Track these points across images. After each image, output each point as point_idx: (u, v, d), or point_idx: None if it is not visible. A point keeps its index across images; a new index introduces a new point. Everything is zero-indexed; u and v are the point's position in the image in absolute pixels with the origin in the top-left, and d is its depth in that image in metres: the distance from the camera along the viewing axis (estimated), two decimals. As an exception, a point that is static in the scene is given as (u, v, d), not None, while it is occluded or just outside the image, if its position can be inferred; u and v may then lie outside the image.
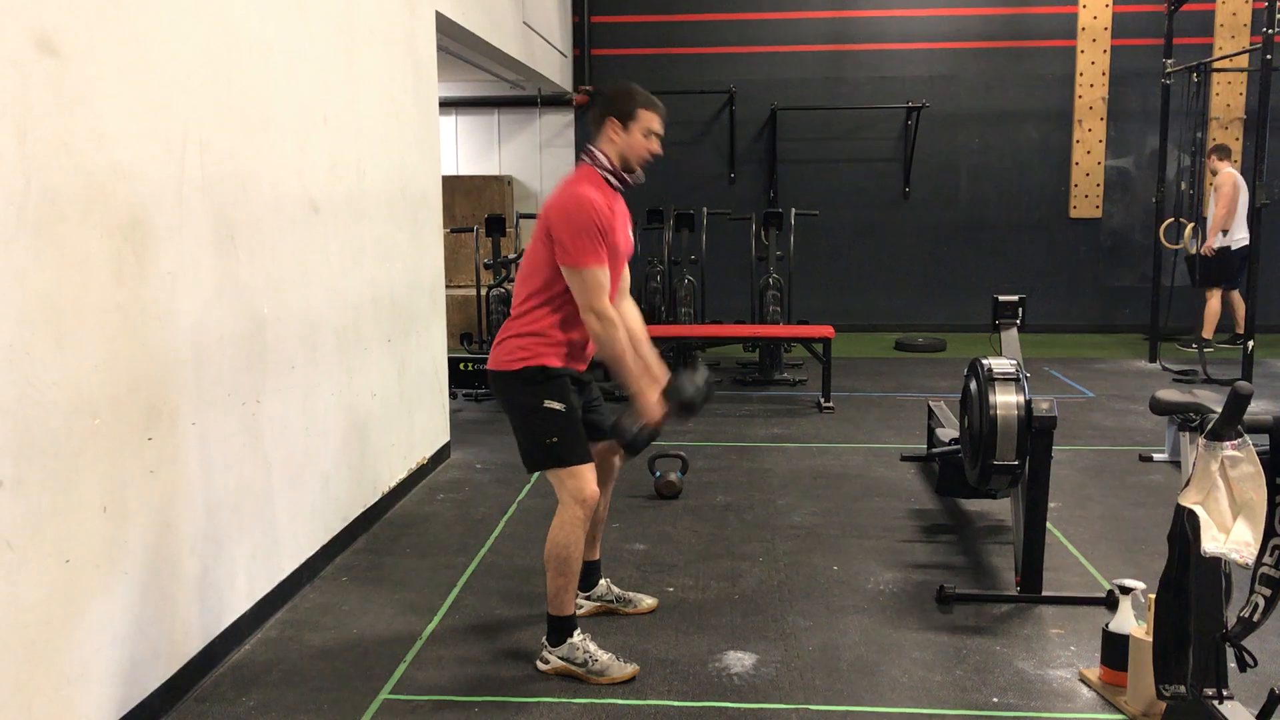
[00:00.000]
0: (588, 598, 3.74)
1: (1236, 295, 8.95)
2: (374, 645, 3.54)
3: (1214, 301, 8.88)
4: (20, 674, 2.47)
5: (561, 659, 3.30)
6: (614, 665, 3.28)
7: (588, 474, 3.28)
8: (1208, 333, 8.77)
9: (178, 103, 3.12)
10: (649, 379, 3.33)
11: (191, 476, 3.21)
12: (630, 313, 3.47)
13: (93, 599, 2.73)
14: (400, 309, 5.17)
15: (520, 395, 3.27)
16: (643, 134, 3.30)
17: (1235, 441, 2.45)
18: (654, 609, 3.79)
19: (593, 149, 3.33)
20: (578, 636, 3.31)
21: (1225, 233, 8.65)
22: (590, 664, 3.27)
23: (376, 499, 4.80)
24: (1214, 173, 8.84)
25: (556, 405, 3.24)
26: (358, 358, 4.59)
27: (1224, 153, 8.94)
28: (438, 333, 5.86)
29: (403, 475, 5.17)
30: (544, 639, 3.36)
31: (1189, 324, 9.30)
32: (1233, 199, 8.64)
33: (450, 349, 6.48)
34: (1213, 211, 8.75)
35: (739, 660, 3.41)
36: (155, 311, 2.99)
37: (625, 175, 3.33)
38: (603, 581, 3.79)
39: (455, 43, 7.00)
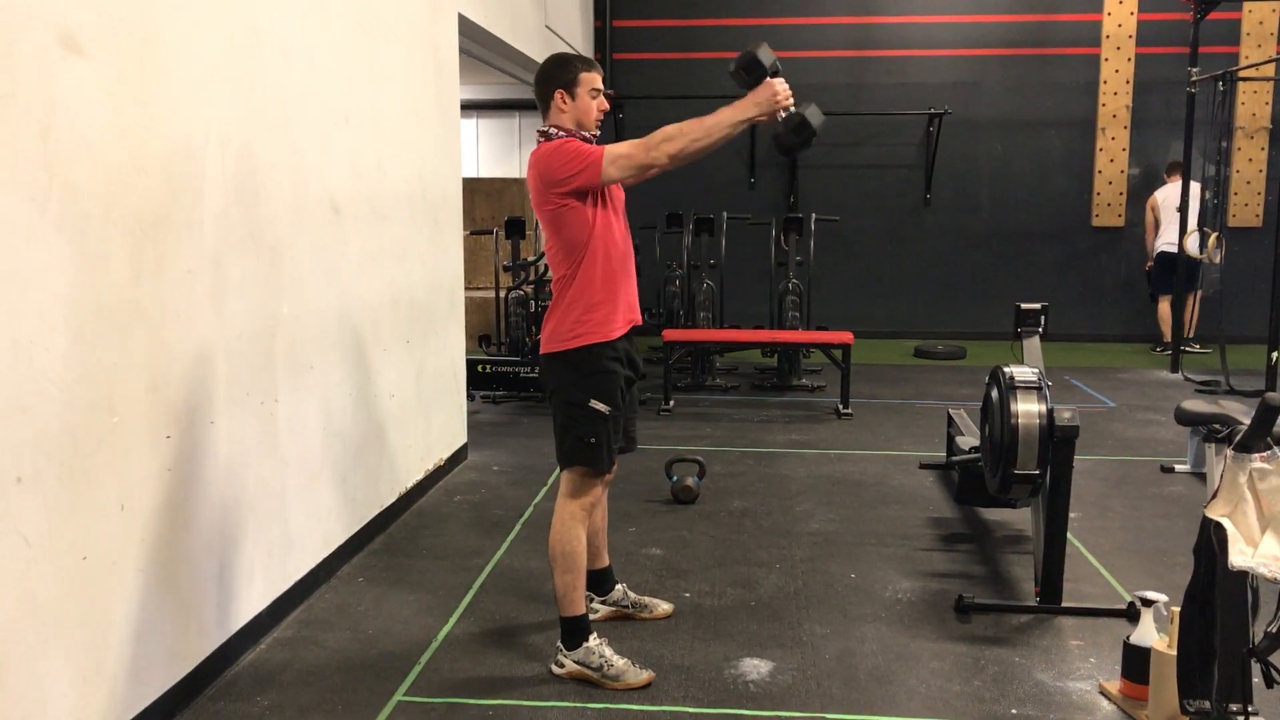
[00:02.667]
0: (603, 602, 3.73)
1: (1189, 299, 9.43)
2: (389, 646, 3.53)
3: (1163, 306, 9.53)
4: (37, 669, 2.47)
5: (576, 663, 3.28)
6: (629, 671, 3.26)
7: (601, 477, 3.32)
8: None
9: (200, 101, 3.12)
10: (736, 105, 3.16)
11: (209, 475, 3.21)
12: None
13: (109, 596, 2.73)
14: (419, 310, 5.17)
15: (568, 385, 3.27)
16: (589, 95, 3.32)
17: (1265, 454, 2.41)
18: (670, 615, 3.77)
19: (545, 128, 3.33)
20: (593, 640, 3.30)
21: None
22: (605, 669, 3.25)
23: (393, 500, 4.80)
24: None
25: (602, 407, 3.24)
26: (376, 358, 4.59)
27: (1171, 169, 9.68)
28: (456, 334, 5.86)
29: (420, 476, 5.17)
30: (559, 642, 3.34)
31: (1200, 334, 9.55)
32: (1153, 214, 9.69)
33: (469, 351, 6.48)
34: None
35: (755, 667, 3.38)
36: (175, 310, 3.00)
37: (584, 136, 3.33)
38: (619, 586, 3.77)
39: (477, 45, 7.00)
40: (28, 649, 2.44)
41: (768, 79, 3.18)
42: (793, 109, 3.20)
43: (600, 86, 3.35)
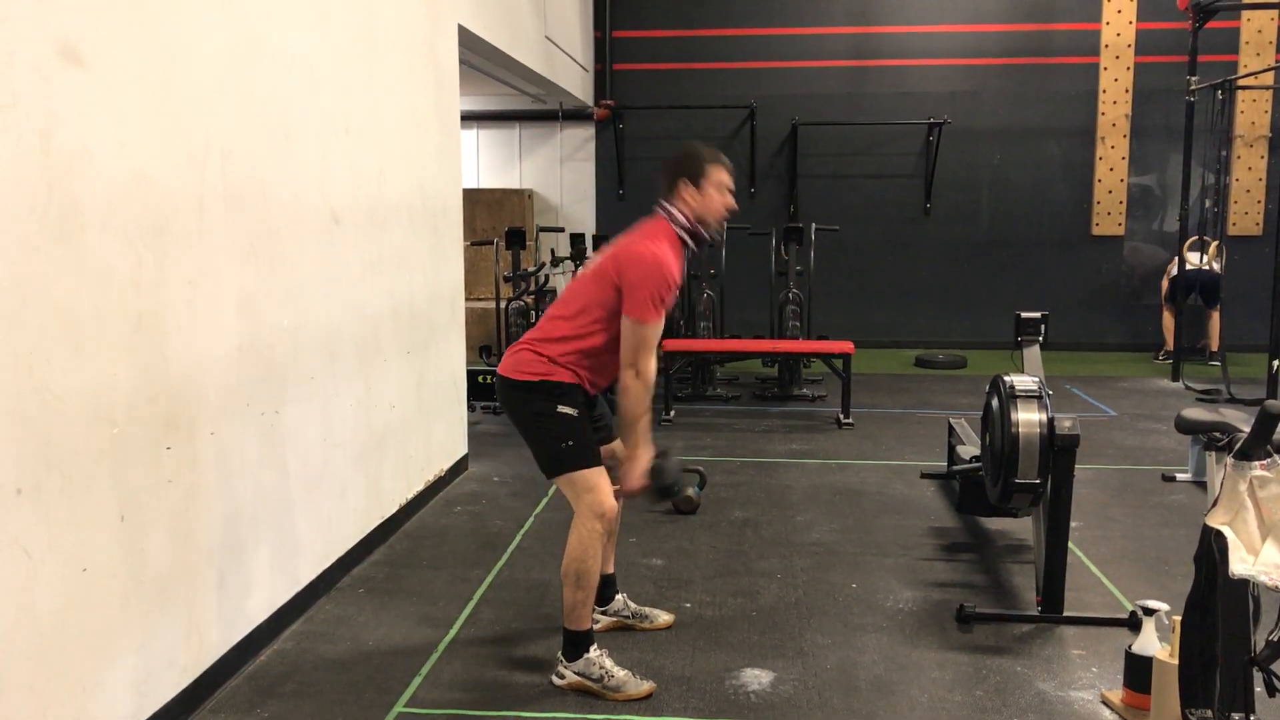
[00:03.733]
0: (604, 612, 3.72)
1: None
2: (390, 658, 3.53)
3: (1167, 316, 9.68)
4: (36, 681, 2.46)
5: (577, 674, 3.28)
6: (630, 682, 3.25)
7: (605, 486, 3.27)
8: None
9: (200, 112, 3.13)
10: (646, 447, 3.34)
11: (210, 486, 3.21)
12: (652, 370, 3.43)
13: (109, 607, 2.73)
14: (420, 321, 5.17)
15: (532, 402, 3.27)
16: (716, 190, 3.34)
17: (1265, 461, 2.41)
18: (670, 625, 3.76)
19: (669, 207, 3.34)
20: (594, 652, 3.29)
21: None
22: (606, 680, 3.24)
23: (394, 511, 4.79)
24: None
25: (569, 410, 3.25)
26: (376, 369, 4.59)
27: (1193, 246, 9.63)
28: (457, 345, 5.86)
29: (420, 487, 5.17)
30: (559, 654, 3.34)
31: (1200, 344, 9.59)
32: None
33: (469, 361, 6.48)
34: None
35: (756, 678, 3.37)
36: (175, 320, 3.00)
37: (701, 233, 3.35)
38: (619, 596, 3.77)
39: (477, 56, 7.02)
40: (27, 660, 2.43)
41: (646, 479, 3.36)
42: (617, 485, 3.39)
43: (729, 184, 3.36)
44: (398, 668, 3.45)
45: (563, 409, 3.24)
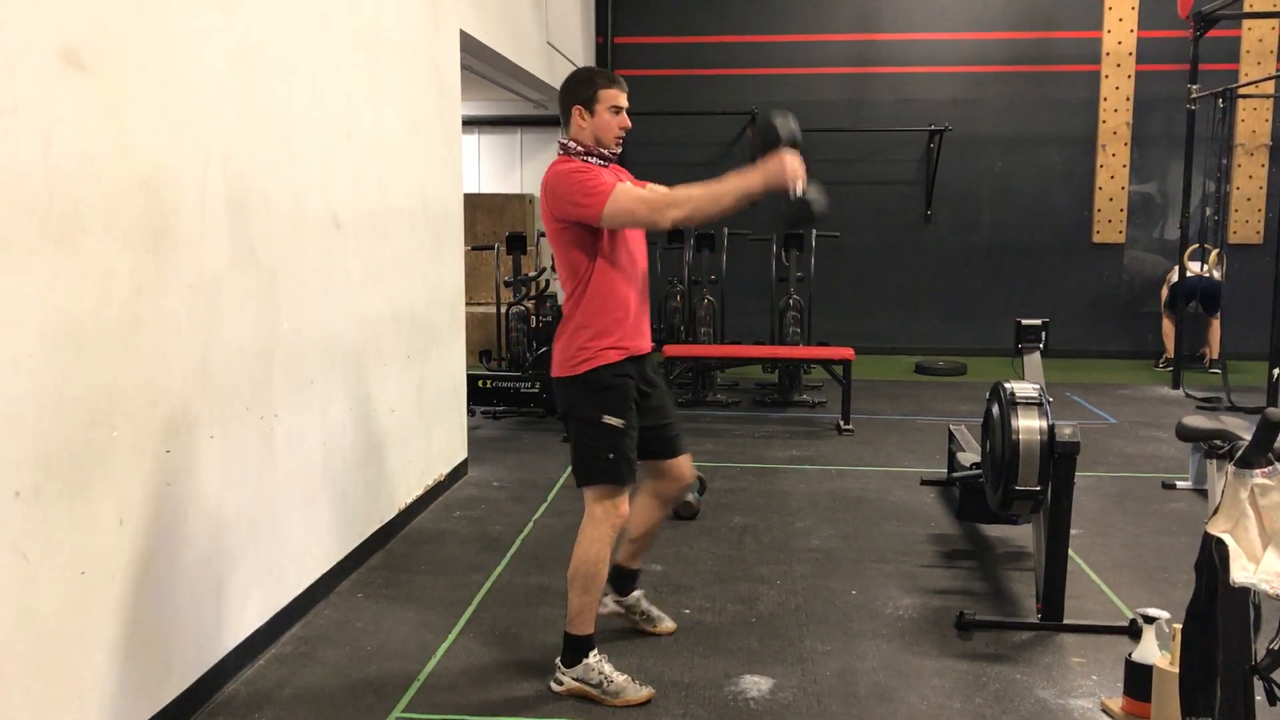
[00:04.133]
0: (619, 601, 3.71)
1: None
2: (388, 663, 3.52)
3: (1167, 323, 9.72)
4: (33, 685, 2.46)
5: (576, 679, 3.27)
6: (629, 687, 3.24)
7: (626, 493, 3.29)
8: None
9: (202, 116, 3.13)
10: (746, 174, 3.12)
11: (209, 490, 3.20)
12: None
13: (107, 611, 2.72)
14: (420, 325, 5.17)
15: (582, 403, 3.26)
16: (609, 112, 3.30)
17: (1266, 469, 2.40)
18: (672, 632, 3.75)
19: (565, 141, 3.33)
20: (593, 657, 3.28)
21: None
22: (605, 685, 3.23)
23: (393, 515, 4.79)
24: None
25: (615, 421, 3.23)
26: (377, 373, 4.59)
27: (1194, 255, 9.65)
28: (457, 350, 5.86)
29: (420, 492, 5.16)
30: (558, 659, 3.33)
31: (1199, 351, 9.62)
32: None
33: (469, 366, 6.48)
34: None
35: (755, 684, 3.37)
36: (176, 325, 3.00)
37: (603, 154, 3.32)
38: (637, 593, 3.76)
39: (479, 61, 7.02)
40: (24, 664, 2.43)
41: (781, 152, 3.11)
42: (799, 191, 3.12)
43: (622, 104, 3.32)
44: (396, 673, 3.44)
45: (608, 419, 3.22)
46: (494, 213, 10.52)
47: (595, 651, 3.31)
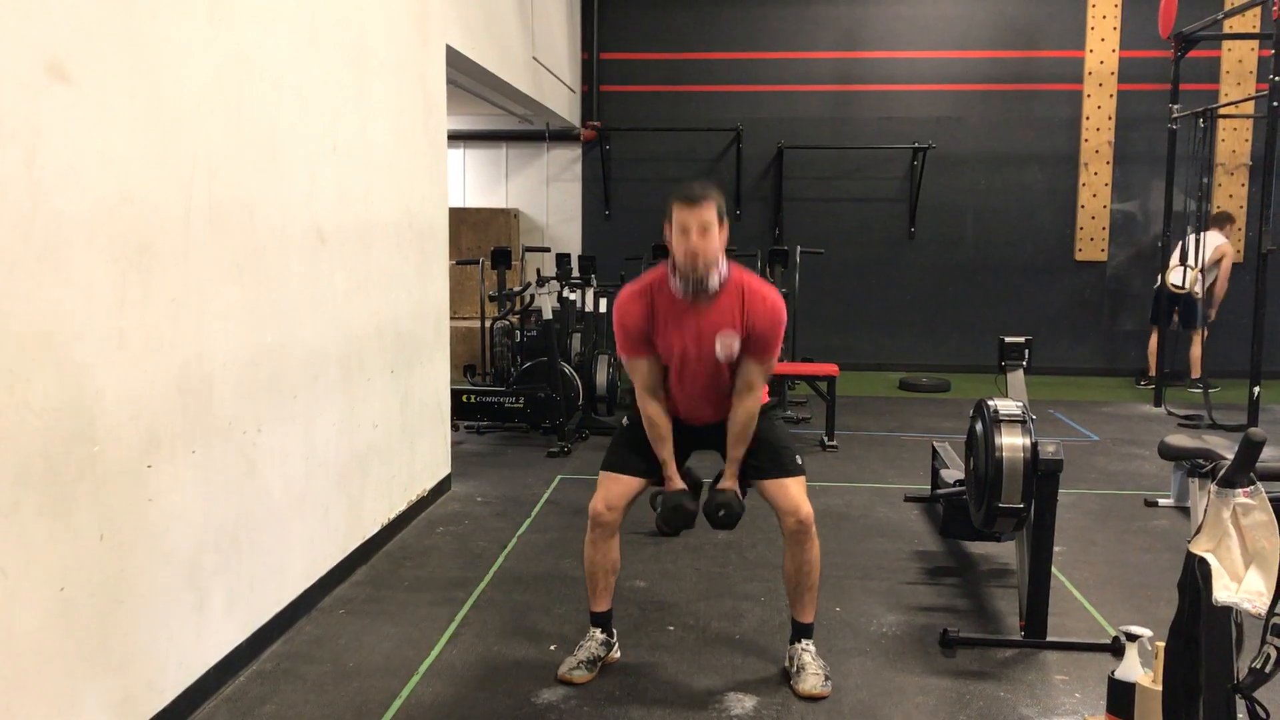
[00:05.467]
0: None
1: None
2: (370, 679, 3.50)
3: (1152, 339, 9.71)
4: (11, 703, 2.43)
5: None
6: (566, 661, 3.50)
7: (609, 485, 3.49)
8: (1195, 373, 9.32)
9: (187, 130, 3.12)
10: (668, 465, 3.54)
11: (190, 505, 3.18)
12: (737, 408, 3.55)
13: (86, 628, 2.70)
14: (404, 340, 5.15)
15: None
16: (676, 232, 3.21)
17: (1248, 489, 2.42)
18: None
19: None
20: (591, 633, 3.55)
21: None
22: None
23: (376, 531, 4.76)
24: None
25: (625, 420, 3.64)
26: (360, 388, 4.57)
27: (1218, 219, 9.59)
28: (441, 364, 5.85)
29: (403, 507, 5.14)
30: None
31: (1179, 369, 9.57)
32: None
33: (453, 381, 6.46)
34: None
35: (739, 702, 3.36)
36: (159, 338, 2.98)
37: (689, 279, 3.27)
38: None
39: (465, 76, 7.03)
40: (3, 681, 2.40)
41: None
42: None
43: (689, 224, 3.14)
44: (378, 689, 3.42)
45: (625, 419, 3.63)
46: (479, 227, 10.51)
47: (601, 630, 3.58)
